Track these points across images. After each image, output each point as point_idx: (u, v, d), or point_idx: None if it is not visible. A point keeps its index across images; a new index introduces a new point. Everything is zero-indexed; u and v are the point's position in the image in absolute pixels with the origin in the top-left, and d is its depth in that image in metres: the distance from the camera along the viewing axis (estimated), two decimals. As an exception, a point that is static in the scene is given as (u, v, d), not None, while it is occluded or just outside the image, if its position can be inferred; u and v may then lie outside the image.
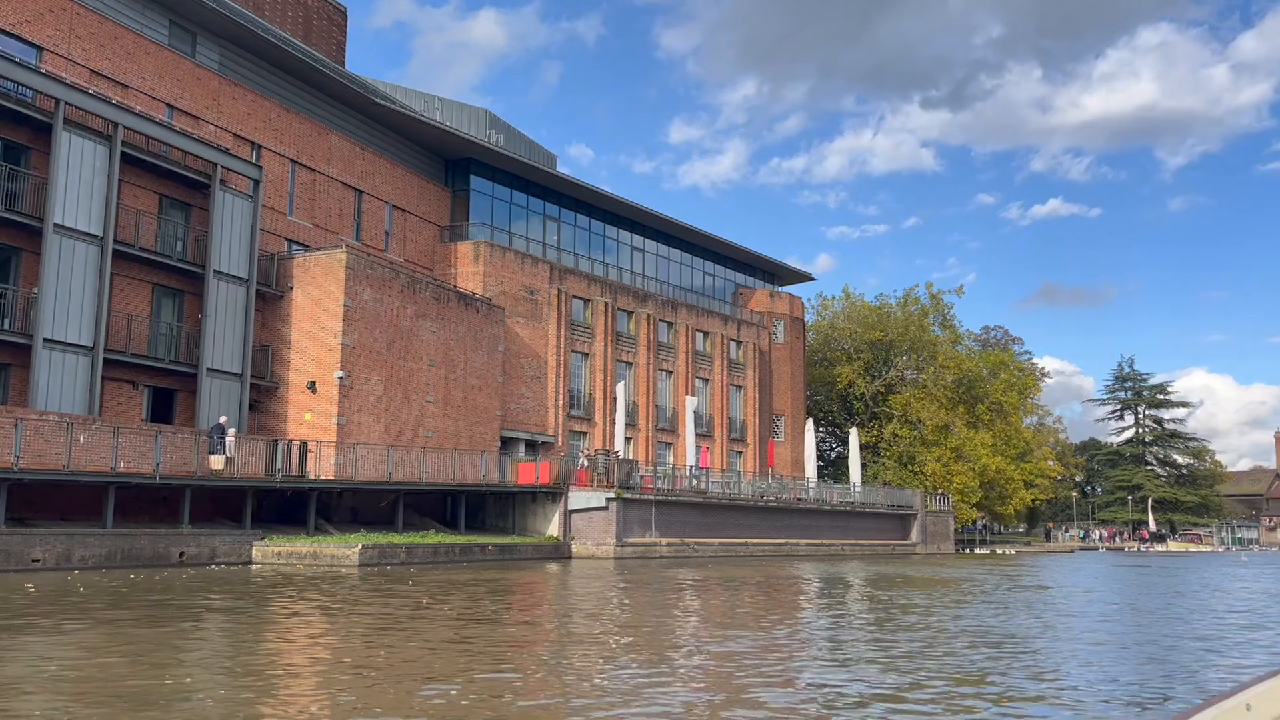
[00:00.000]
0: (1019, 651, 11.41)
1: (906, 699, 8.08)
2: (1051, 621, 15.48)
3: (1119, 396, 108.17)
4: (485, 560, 29.09)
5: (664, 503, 36.96)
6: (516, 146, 46.51)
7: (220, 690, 8.01)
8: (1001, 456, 64.48)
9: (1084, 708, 8.05)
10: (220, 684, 8.34)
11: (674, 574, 25.97)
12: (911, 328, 64.13)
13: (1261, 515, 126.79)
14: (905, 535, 52.64)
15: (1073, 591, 23.93)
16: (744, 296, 57.17)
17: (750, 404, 53.86)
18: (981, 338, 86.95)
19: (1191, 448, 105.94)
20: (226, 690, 8.01)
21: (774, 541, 42.35)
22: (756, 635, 12.39)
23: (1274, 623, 16.30)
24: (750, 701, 7.81)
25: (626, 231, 50.34)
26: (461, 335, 36.70)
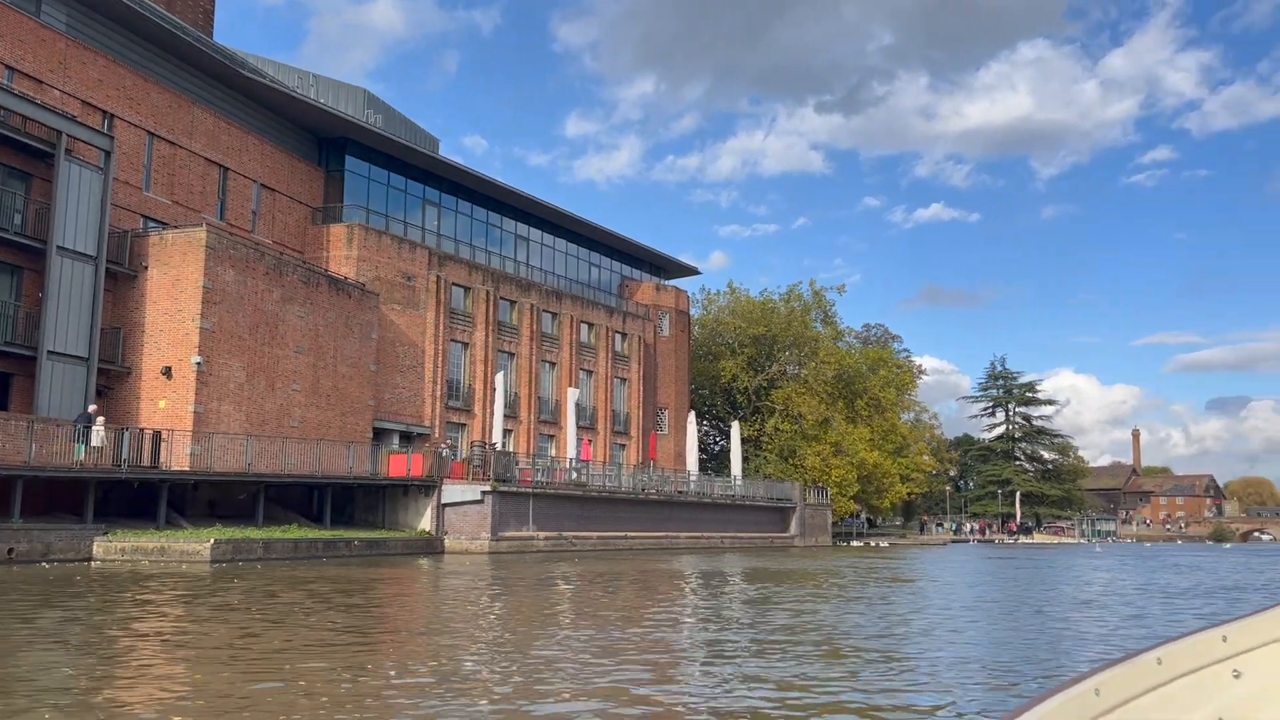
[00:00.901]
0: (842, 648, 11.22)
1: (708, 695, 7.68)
2: (906, 616, 15.46)
3: (991, 394, 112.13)
4: (351, 556, 27.90)
5: (542, 496, 36.28)
6: (397, 129, 45.00)
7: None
8: (879, 451, 65.95)
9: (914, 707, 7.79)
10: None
11: (543, 569, 25.35)
12: (794, 323, 64.94)
13: (1119, 509, 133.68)
14: (784, 528, 53.20)
15: (940, 584, 24.27)
16: (630, 289, 56.84)
17: (634, 397, 53.57)
18: (863, 335, 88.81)
19: (1057, 444, 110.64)
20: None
21: (654, 535, 42.14)
22: (584, 635, 11.87)
23: (1120, 609, 16.68)
24: (514, 713, 7.21)
25: (511, 220, 49.36)
26: (332, 321, 35.22)
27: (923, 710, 7.52)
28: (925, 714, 7.41)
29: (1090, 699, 2.35)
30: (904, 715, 7.26)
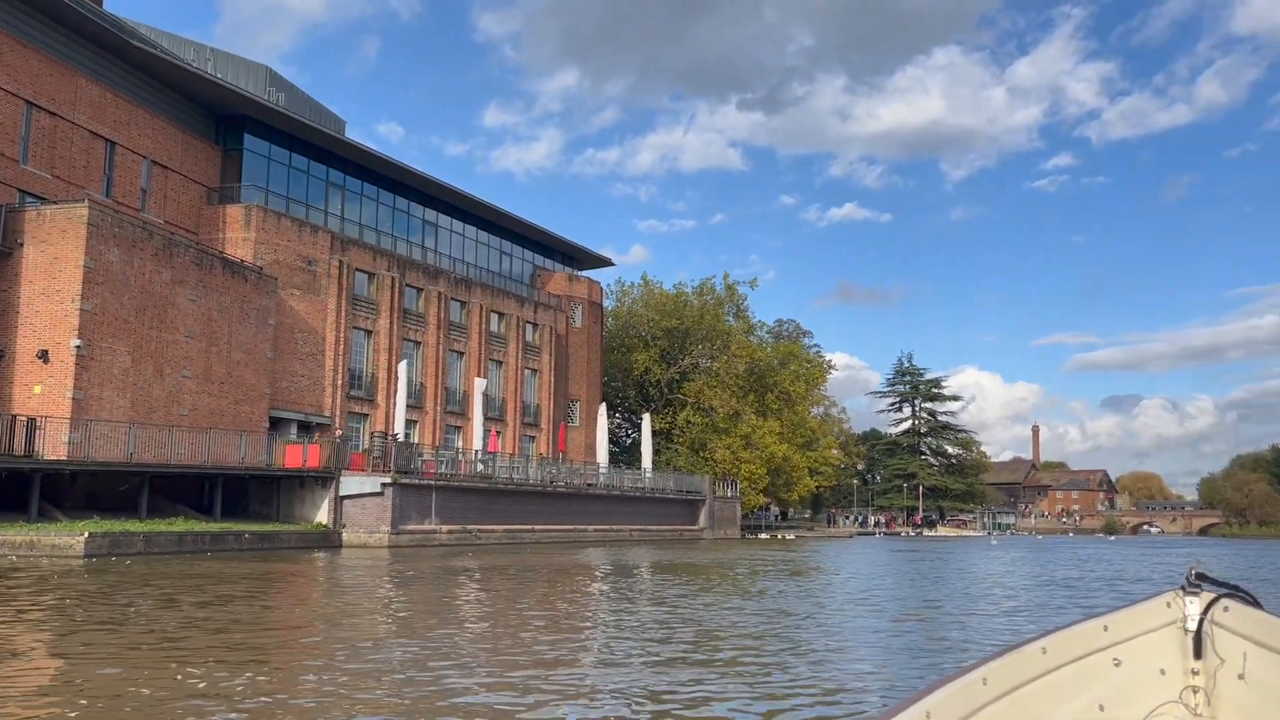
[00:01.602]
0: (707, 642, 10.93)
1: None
2: (789, 608, 15.29)
3: (898, 390, 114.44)
4: (240, 550, 26.74)
5: (446, 488, 35.42)
6: (301, 108, 43.47)
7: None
8: (788, 444, 66.51)
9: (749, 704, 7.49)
10: None
11: (437, 564, 24.64)
12: (707, 317, 65.04)
13: (1019, 502, 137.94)
14: (694, 521, 53.20)
15: (832, 576, 24.32)
16: (542, 279, 56.10)
17: (545, 388, 52.90)
18: (775, 330, 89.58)
19: (960, 439, 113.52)
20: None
21: (562, 528, 41.61)
22: (439, 635, 11.36)
23: (1005, 602, 16.81)
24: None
25: (419, 205, 48.16)
26: (226, 306, 33.77)
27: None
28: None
29: (978, 688, 2.43)
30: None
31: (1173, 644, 2.85)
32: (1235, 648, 2.74)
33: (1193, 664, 2.81)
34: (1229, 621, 2.77)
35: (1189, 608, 2.84)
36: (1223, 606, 2.79)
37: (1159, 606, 2.88)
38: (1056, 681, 2.68)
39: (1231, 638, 2.76)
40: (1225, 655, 2.75)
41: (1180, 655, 2.83)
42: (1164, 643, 2.85)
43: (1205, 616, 2.81)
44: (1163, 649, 2.85)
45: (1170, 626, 2.86)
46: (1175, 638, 2.85)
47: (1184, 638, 2.83)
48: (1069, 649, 2.73)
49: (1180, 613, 2.85)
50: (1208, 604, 2.81)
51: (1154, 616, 2.87)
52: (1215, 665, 2.76)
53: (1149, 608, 2.88)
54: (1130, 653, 2.83)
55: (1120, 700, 2.76)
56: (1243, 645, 2.73)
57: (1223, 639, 2.77)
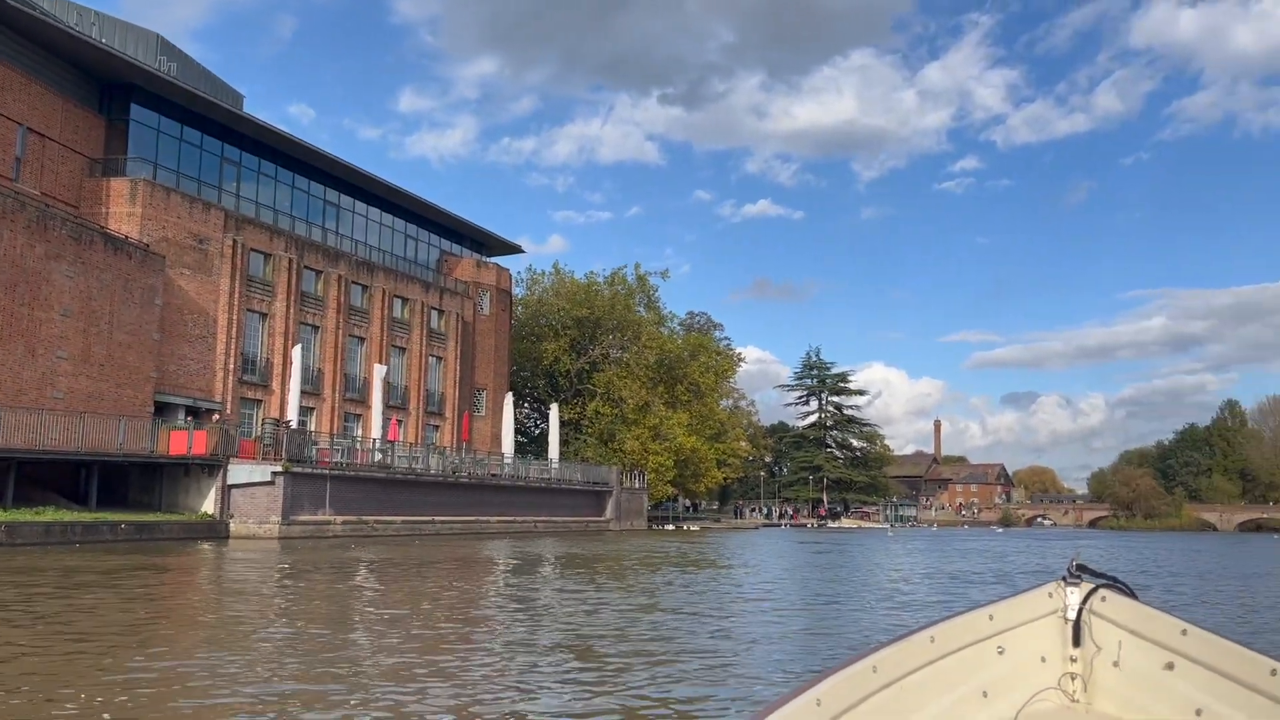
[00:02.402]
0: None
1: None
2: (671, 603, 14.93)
3: (806, 384, 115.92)
4: (116, 541, 25.26)
5: (342, 478, 34.25)
6: (195, 80, 41.50)
7: None
8: (697, 436, 66.61)
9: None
10: None
11: (321, 556, 23.66)
12: (618, 307, 64.61)
13: (920, 495, 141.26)
14: (600, 512, 52.77)
15: (727, 569, 24.12)
16: (449, 264, 54.86)
17: (450, 376, 51.75)
18: (686, 322, 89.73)
19: (865, 432, 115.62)
20: None
21: (464, 519, 40.69)
22: (264, 635, 10.66)
23: (892, 593, 16.76)
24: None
25: (321, 185, 46.52)
26: (108, 284, 31.94)
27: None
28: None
29: (868, 676, 2.50)
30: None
31: (1053, 632, 2.96)
32: (1111, 636, 2.86)
33: (1071, 651, 2.93)
34: (1106, 611, 2.89)
35: (1069, 598, 2.96)
36: (1100, 597, 2.91)
37: (1041, 597, 2.99)
38: (943, 669, 2.75)
39: (1108, 626, 2.88)
40: (1102, 643, 2.88)
41: (1060, 643, 2.95)
42: (1045, 631, 2.96)
43: (1084, 606, 2.92)
44: (1044, 637, 2.96)
45: (1051, 616, 2.98)
46: (1056, 627, 2.96)
47: (1064, 626, 2.95)
48: (956, 638, 2.81)
49: (1061, 603, 2.97)
50: (1086, 594, 2.93)
51: (1036, 606, 2.98)
52: (1092, 653, 2.89)
53: (1032, 598, 2.99)
54: (1013, 641, 2.92)
55: (1003, 687, 2.84)
56: (1118, 634, 2.85)
57: (1100, 628, 2.89)
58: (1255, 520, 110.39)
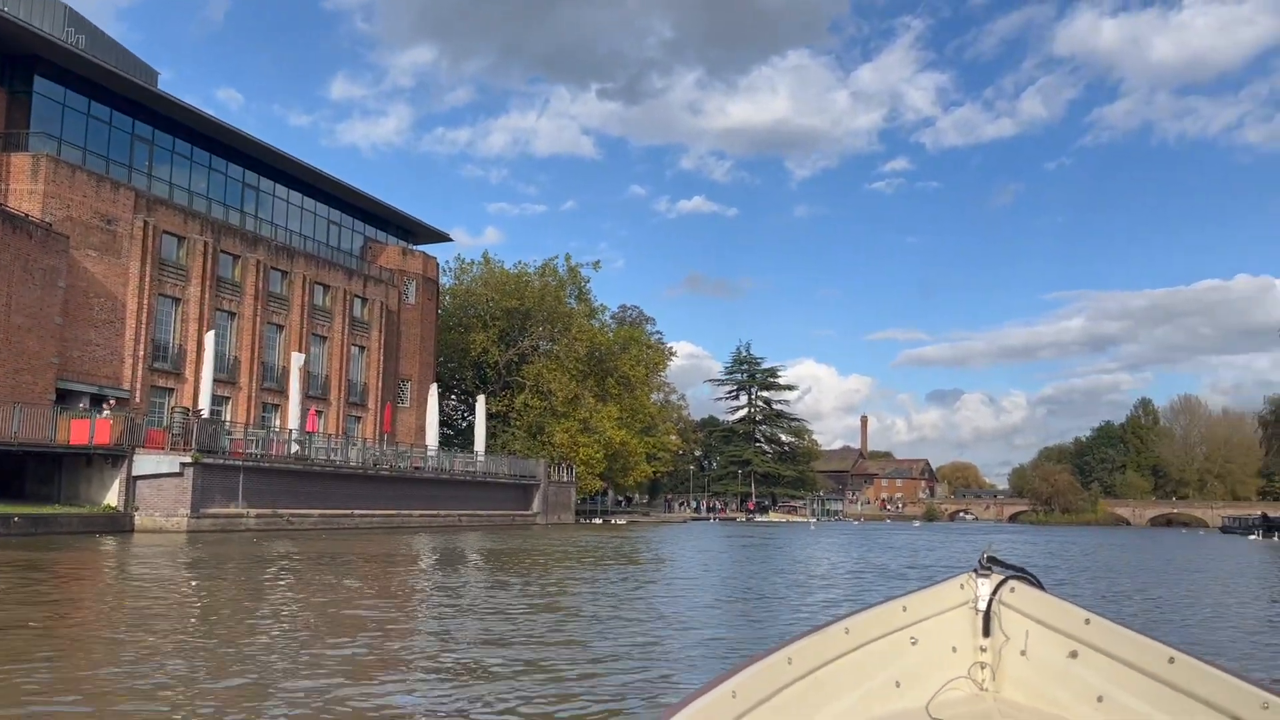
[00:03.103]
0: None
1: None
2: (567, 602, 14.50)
3: (736, 378, 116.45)
4: (8, 535, 23.90)
5: (256, 469, 33.08)
6: (106, 54, 39.70)
7: None
8: (627, 430, 66.23)
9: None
10: None
11: (229, 551, 22.71)
12: (548, 298, 63.84)
13: (847, 489, 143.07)
14: (527, 506, 52.07)
15: (646, 564, 23.78)
16: (374, 251, 53.55)
17: (374, 366, 50.53)
18: (618, 315, 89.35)
19: (793, 427, 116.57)
20: None
21: (385, 512, 39.72)
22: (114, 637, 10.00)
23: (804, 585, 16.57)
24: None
25: (239, 167, 44.94)
26: (6, 264, 30.30)
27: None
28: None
29: (783, 668, 2.54)
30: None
31: (965, 623, 3.02)
32: (1019, 626, 2.92)
33: (981, 641, 2.98)
34: (1015, 601, 2.95)
35: (980, 589, 3.01)
36: (1010, 588, 2.97)
37: (953, 588, 3.05)
38: (857, 660, 2.79)
39: (1016, 617, 2.93)
40: (1010, 633, 2.94)
41: (971, 633, 3.00)
42: (957, 622, 3.02)
43: (994, 597, 2.98)
44: (955, 628, 3.01)
45: (963, 607, 3.03)
46: (967, 617, 3.02)
47: (975, 617, 3.00)
48: (870, 629, 2.87)
49: (973, 594, 3.02)
50: (996, 585, 2.98)
51: (948, 597, 3.03)
52: (1001, 642, 2.95)
53: (944, 589, 3.05)
54: (926, 632, 2.97)
55: (915, 677, 2.87)
56: (1026, 624, 2.91)
57: (1009, 618, 2.95)
58: (1166, 515, 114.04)
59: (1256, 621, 12.83)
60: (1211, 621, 12.58)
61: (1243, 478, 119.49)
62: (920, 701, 2.81)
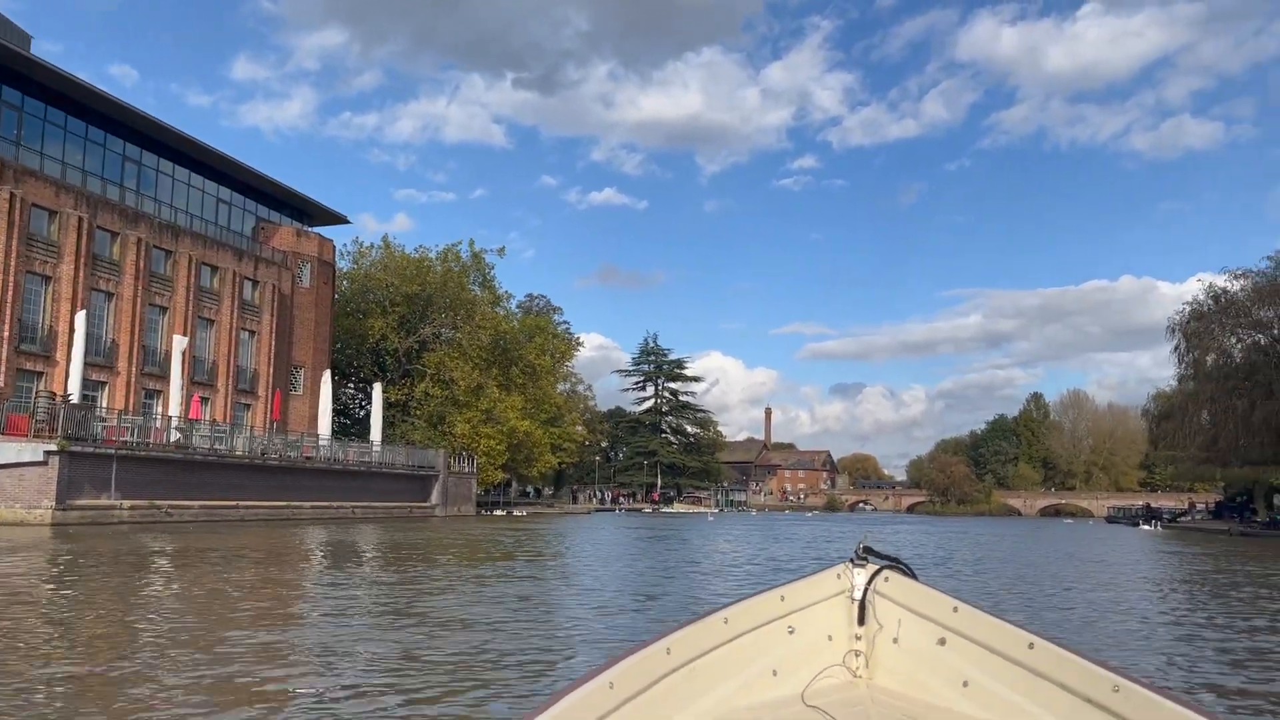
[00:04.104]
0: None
1: None
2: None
3: (643, 370, 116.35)
4: None
5: (131, 458, 31.23)
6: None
7: None
8: (531, 420, 65.24)
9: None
10: None
11: (90, 546, 21.21)
12: (450, 284, 62.32)
13: (751, 480, 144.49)
14: (425, 497, 50.77)
15: (530, 560, 23.11)
16: (267, 232, 51.35)
17: (265, 351, 48.44)
18: (525, 304, 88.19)
19: (699, 419, 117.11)
20: None
21: (274, 504, 38.06)
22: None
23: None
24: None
25: (120, 139, 42.43)
26: None
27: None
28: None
29: (661, 658, 2.54)
30: None
31: (840, 612, 3.06)
32: (892, 614, 2.98)
33: (856, 630, 3.02)
34: (888, 591, 3.01)
35: (856, 578, 3.06)
36: (884, 577, 3.03)
37: (830, 578, 3.10)
38: (735, 650, 2.82)
39: (890, 605, 3.00)
40: (884, 621, 2.99)
41: (846, 622, 3.05)
42: (833, 611, 3.07)
43: (869, 587, 3.03)
44: (831, 617, 3.06)
45: (839, 596, 3.08)
46: (843, 606, 3.07)
47: (850, 606, 3.05)
48: (748, 618, 2.90)
49: (849, 583, 3.07)
50: (871, 575, 3.04)
51: (825, 587, 3.09)
52: (875, 631, 3.00)
53: (821, 579, 3.10)
54: (803, 621, 3.02)
55: (792, 665, 2.91)
56: (898, 612, 2.97)
57: (883, 607, 3.01)
58: (1055, 505, 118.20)
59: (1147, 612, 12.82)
60: (1109, 614, 12.50)
61: (1125, 469, 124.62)
62: (796, 689, 2.84)
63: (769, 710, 2.73)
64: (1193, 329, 52.52)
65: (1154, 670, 7.97)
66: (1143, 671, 7.79)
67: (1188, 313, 53.26)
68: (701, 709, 2.64)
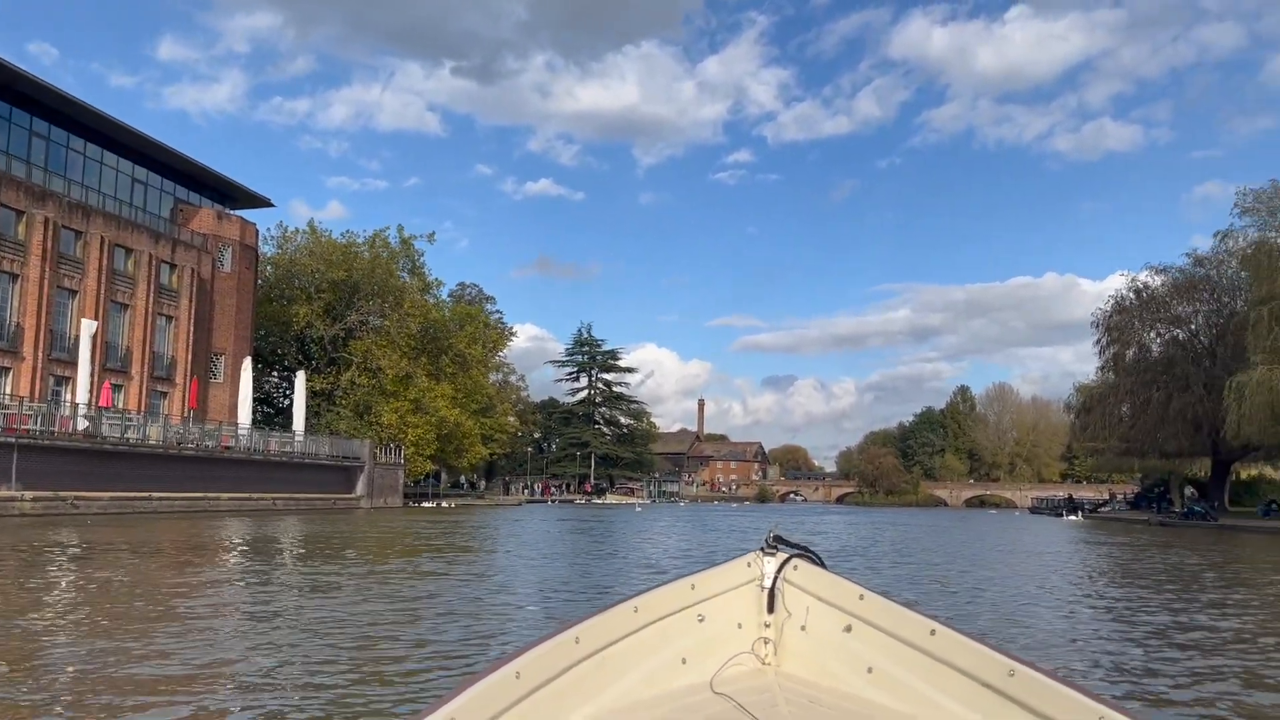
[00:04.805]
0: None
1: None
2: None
3: (576, 360, 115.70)
4: None
5: (34, 447, 29.78)
6: None
7: None
8: (461, 410, 64.19)
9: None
10: None
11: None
12: (379, 271, 60.90)
13: (684, 472, 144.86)
14: (350, 489, 49.60)
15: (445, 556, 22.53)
16: (185, 214, 49.54)
17: (183, 338, 46.77)
18: (456, 293, 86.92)
19: (633, 410, 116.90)
20: None
21: (189, 495, 36.72)
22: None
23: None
24: None
25: (26, 114, 40.47)
26: None
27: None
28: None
29: (570, 647, 2.53)
30: None
31: (750, 600, 3.13)
32: (800, 602, 3.06)
33: (766, 618, 3.11)
34: (797, 579, 3.09)
35: (766, 567, 3.15)
36: (793, 566, 3.11)
37: (741, 566, 3.18)
38: (645, 638, 2.84)
39: (798, 593, 3.07)
40: (792, 609, 3.07)
41: (756, 610, 3.12)
42: (743, 599, 3.13)
43: (779, 575, 3.11)
44: (741, 605, 3.13)
45: (749, 584, 3.15)
46: (753, 594, 3.14)
47: (760, 594, 3.13)
48: (659, 607, 2.92)
49: (759, 571, 3.15)
50: (781, 564, 3.12)
51: (736, 575, 3.16)
52: (784, 618, 3.08)
53: (732, 568, 3.17)
54: (713, 609, 3.06)
55: (701, 653, 2.93)
56: (806, 600, 3.05)
57: (791, 595, 3.09)
58: (980, 496, 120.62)
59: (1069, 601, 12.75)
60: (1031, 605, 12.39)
61: (1048, 461, 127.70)
62: (705, 677, 2.83)
63: (677, 698, 2.75)
64: (1115, 323, 53.69)
65: (1068, 657, 7.78)
66: (1058, 659, 7.71)
67: (1111, 307, 54.43)
68: (609, 698, 2.64)
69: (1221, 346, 48.55)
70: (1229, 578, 17.19)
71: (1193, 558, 22.17)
